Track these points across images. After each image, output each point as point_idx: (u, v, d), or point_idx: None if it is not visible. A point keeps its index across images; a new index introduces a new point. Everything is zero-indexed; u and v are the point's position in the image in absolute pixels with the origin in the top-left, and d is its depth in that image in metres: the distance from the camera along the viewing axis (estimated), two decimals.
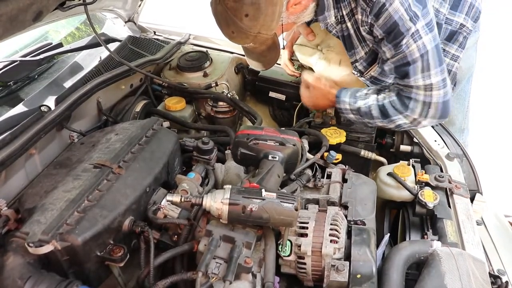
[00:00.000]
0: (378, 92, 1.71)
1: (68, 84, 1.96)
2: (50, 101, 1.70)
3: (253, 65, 1.89)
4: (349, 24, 1.66)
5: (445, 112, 1.62)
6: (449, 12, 1.81)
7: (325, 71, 1.93)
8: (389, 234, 1.53)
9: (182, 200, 1.20)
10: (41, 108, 1.58)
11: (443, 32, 1.84)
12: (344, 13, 1.63)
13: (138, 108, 2.08)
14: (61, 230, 1.11)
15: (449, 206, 1.54)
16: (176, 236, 1.30)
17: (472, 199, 1.64)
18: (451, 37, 1.86)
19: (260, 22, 1.49)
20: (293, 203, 1.15)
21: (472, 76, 2.14)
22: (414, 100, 1.60)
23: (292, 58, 2.18)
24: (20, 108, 1.77)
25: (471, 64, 2.09)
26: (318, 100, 1.92)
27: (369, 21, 1.54)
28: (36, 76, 2.16)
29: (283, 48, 1.75)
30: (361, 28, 1.62)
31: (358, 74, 1.83)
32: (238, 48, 2.48)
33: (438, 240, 1.37)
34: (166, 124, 1.96)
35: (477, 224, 1.53)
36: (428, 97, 1.58)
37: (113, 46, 2.28)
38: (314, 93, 1.92)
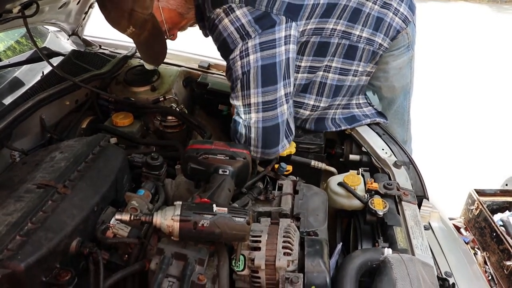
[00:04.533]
0: None
1: (7, 100, 1.86)
2: None
3: (147, 61, 1.90)
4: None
5: (268, 141, 1.63)
6: (371, 33, 1.81)
7: None
8: (341, 243, 1.55)
9: (132, 218, 1.17)
10: None
11: (366, 53, 1.84)
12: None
13: (84, 124, 2.02)
14: (1, 257, 1.04)
15: (398, 213, 1.57)
16: (126, 256, 1.25)
17: (419, 205, 1.68)
18: (372, 59, 1.87)
19: None
20: (245, 217, 1.14)
21: (410, 92, 2.16)
22: (237, 123, 1.63)
23: None
24: None
25: (406, 83, 2.09)
26: None
27: (209, 35, 1.58)
28: None
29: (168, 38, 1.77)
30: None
31: None
32: (186, 62, 2.47)
33: (389, 247, 1.40)
34: (113, 140, 1.91)
35: (425, 229, 1.57)
36: (247, 120, 1.60)
37: (56, 60, 2.20)
38: None
